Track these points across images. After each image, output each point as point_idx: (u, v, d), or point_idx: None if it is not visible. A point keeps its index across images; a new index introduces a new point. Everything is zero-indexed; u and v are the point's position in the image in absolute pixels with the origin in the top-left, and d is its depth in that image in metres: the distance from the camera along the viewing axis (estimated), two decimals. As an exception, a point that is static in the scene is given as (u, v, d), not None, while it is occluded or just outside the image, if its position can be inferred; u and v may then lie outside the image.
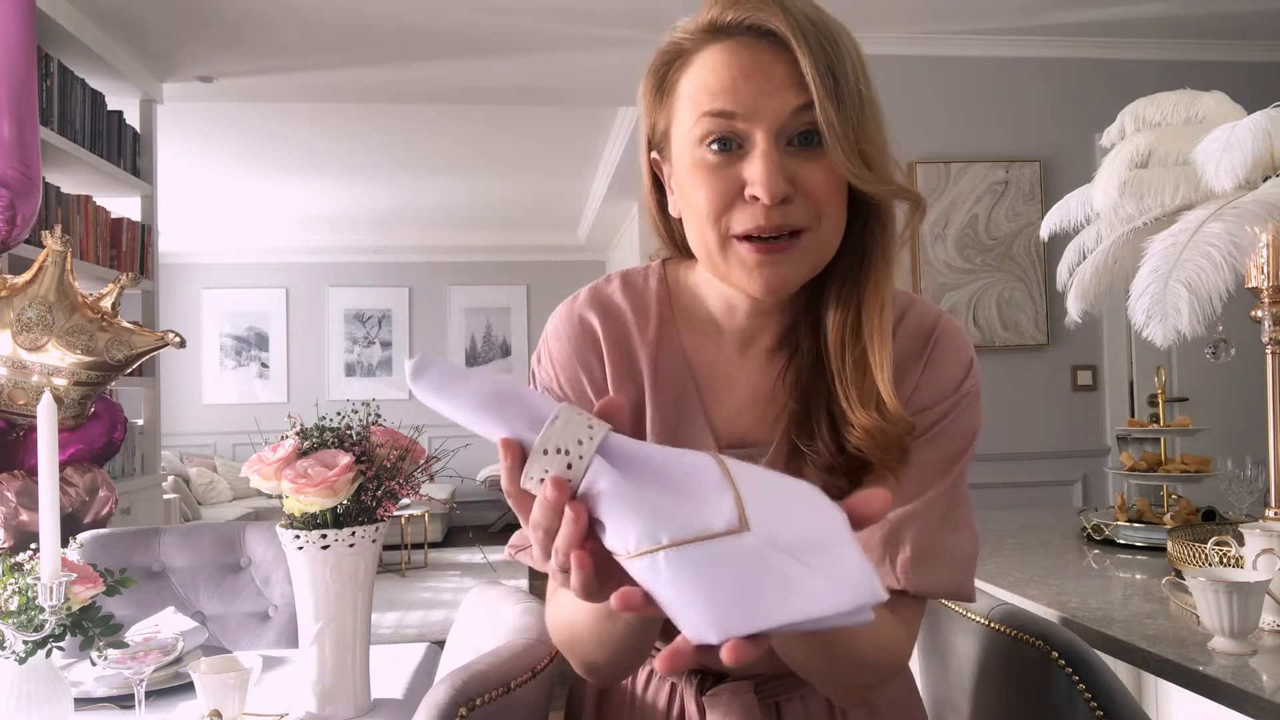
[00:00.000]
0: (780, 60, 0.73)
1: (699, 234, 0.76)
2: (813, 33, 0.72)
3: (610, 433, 0.54)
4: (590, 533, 0.54)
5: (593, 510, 0.53)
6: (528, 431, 0.54)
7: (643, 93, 0.82)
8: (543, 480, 0.53)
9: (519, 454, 0.54)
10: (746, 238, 0.73)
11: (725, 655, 0.49)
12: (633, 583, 0.53)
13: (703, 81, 0.75)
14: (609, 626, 0.74)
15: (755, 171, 0.72)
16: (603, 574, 0.55)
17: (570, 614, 0.80)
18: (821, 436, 0.79)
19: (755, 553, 0.50)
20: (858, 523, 0.54)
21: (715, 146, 0.74)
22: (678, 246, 0.90)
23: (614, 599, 0.52)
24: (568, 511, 0.53)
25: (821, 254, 0.77)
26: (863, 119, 0.73)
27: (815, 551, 0.50)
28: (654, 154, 0.84)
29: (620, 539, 0.52)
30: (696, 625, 0.50)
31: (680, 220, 0.82)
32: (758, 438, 0.85)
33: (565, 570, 0.56)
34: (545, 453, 0.53)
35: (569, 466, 0.53)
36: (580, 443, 0.53)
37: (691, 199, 0.76)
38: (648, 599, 0.52)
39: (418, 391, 0.55)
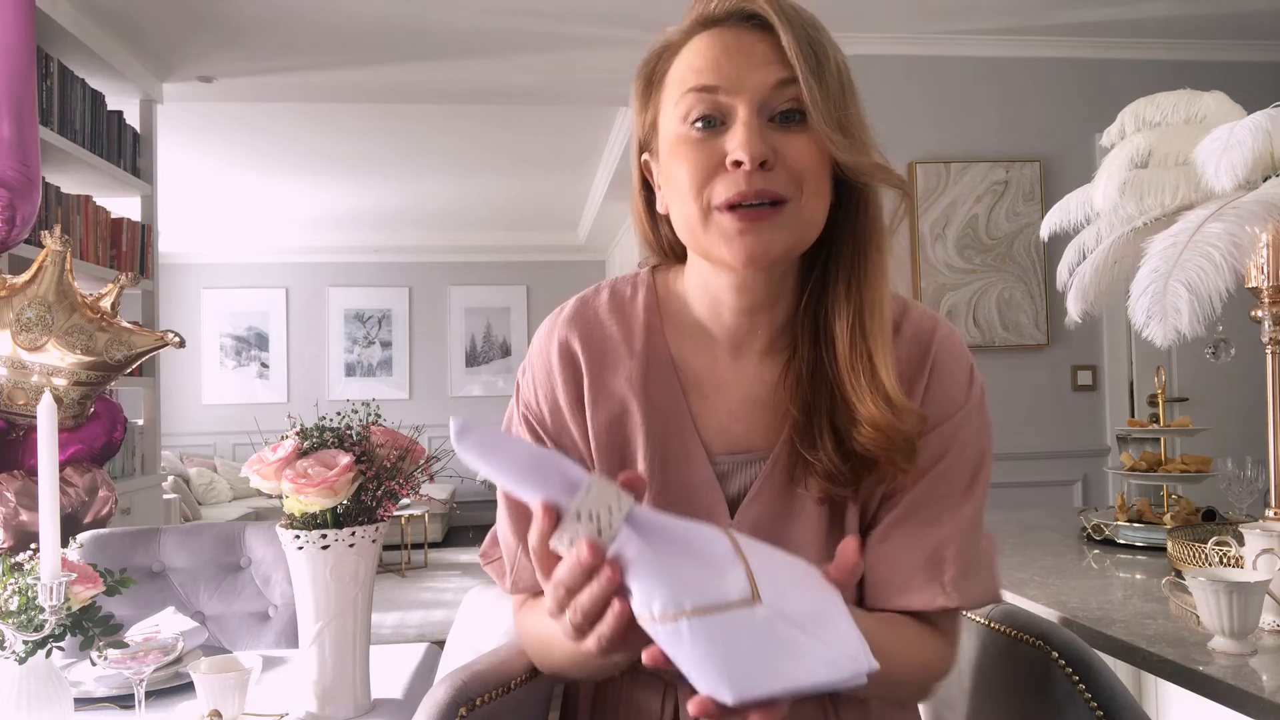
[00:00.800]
0: (764, 40, 0.76)
1: (683, 210, 0.77)
2: (794, 16, 0.76)
3: (635, 505, 0.58)
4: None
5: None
6: (561, 495, 0.57)
7: (634, 93, 0.84)
8: (573, 542, 0.57)
9: (555, 519, 0.57)
10: (728, 208, 0.75)
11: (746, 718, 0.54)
12: (646, 638, 0.57)
13: (689, 64, 0.78)
14: (592, 659, 0.75)
15: (736, 139, 0.74)
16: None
17: (549, 633, 0.81)
18: (824, 445, 0.79)
19: (766, 623, 0.55)
20: (844, 579, 0.59)
21: (699, 125, 0.76)
22: (664, 252, 0.91)
23: (645, 656, 0.57)
24: (604, 570, 0.56)
25: (803, 227, 0.77)
26: (844, 97, 0.76)
27: (817, 623, 0.56)
28: (645, 156, 0.85)
29: (645, 603, 0.56)
30: (714, 686, 0.54)
31: (667, 221, 0.83)
32: (752, 445, 0.84)
33: (581, 628, 0.59)
34: (579, 517, 0.57)
35: (599, 532, 0.57)
36: (610, 510, 0.57)
37: (674, 176, 0.77)
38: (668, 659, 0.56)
39: (460, 451, 0.58)
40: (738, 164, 0.73)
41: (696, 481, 0.83)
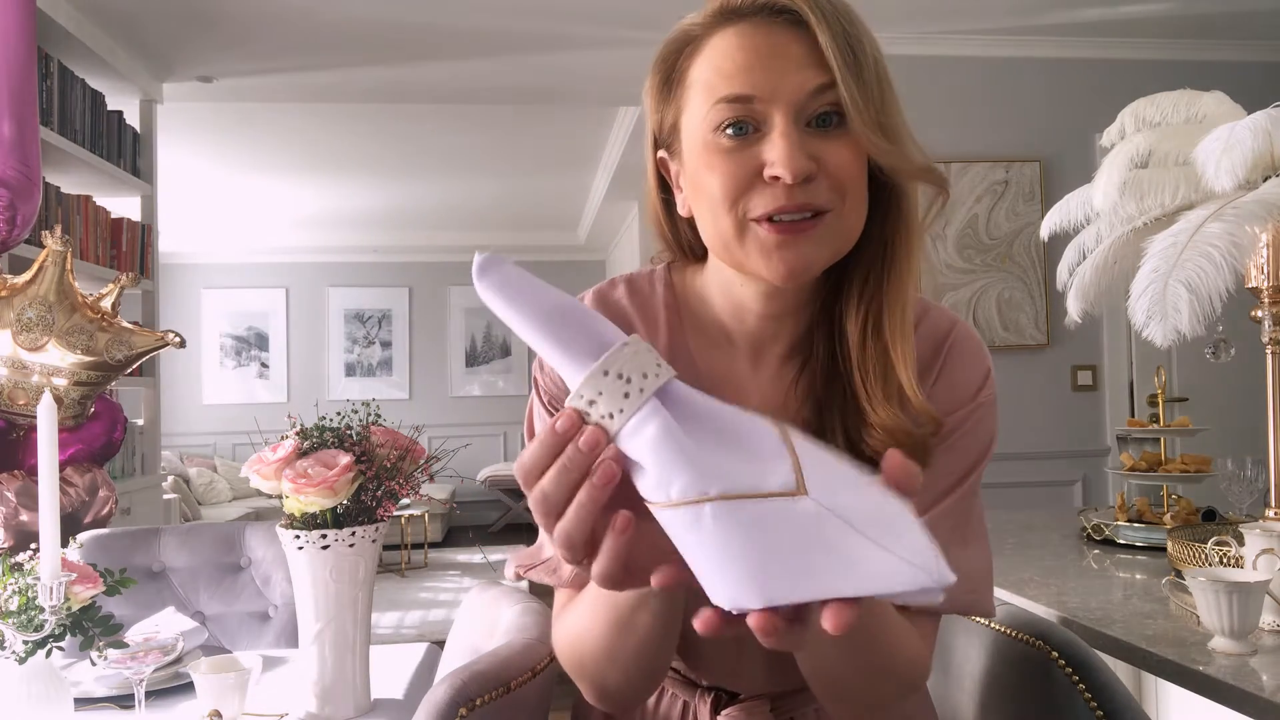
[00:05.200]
0: (796, 39, 0.70)
1: (713, 222, 0.72)
2: (829, 9, 0.70)
3: (675, 378, 0.51)
4: (621, 498, 0.50)
5: (633, 454, 0.49)
6: (587, 358, 0.50)
7: (649, 88, 0.78)
8: (593, 404, 0.49)
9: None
10: (766, 220, 0.70)
11: (758, 627, 0.45)
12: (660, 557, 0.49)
13: (716, 66, 0.72)
14: (621, 642, 0.72)
15: (776, 151, 0.68)
16: (632, 552, 0.51)
17: (579, 628, 0.76)
18: (836, 447, 0.75)
19: (812, 517, 0.46)
20: (901, 484, 0.51)
21: (731, 131, 0.70)
22: (682, 250, 0.86)
23: (655, 575, 0.49)
24: (596, 474, 0.49)
25: (844, 237, 0.73)
26: (883, 95, 0.70)
27: (878, 525, 0.47)
28: (660, 153, 0.80)
29: (663, 485, 0.48)
30: (735, 589, 0.45)
31: (688, 221, 0.78)
32: None
33: (576, 560, 0.52)
34: (605, 374, 0.49)
35: (625, 395, 0.49)
36: (645, 375, 0.49)
37: (705, 186, 0.72)
38: (683, 569, 0.48)
39: (481, 290, 0.52)
40: (777, 178, 0.68)
41: None
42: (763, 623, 0.45)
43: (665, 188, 0.82)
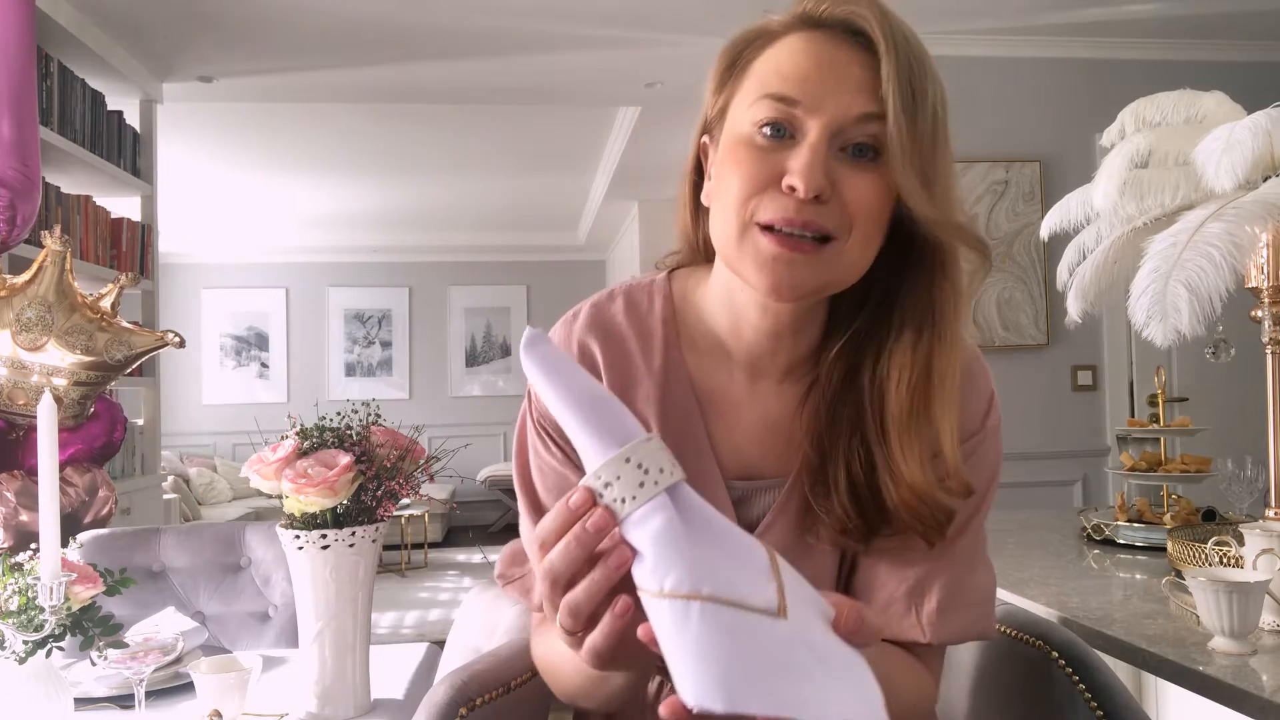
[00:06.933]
0: (861, 63, 0.70)
1: (723, 216, 0.73)
2: (904, 44, 0.69)
3: (684, 481, 0.54)
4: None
5: (635, 541, 0.52)
6: (611, 443, 0.53)
7: (712, 72, 0.78)
8: (609, 485, 0.52)
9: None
10: (770, 229, 0.70)
11: (667, 715, 0.49)
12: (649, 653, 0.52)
13: (777, 64, 0.72)
14: (593, 689, 0.73)
15: (798, 161, 0.68)
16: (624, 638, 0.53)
17: (555, 662, 0.78)
18: (837, 495, 0.75)
19: (787, 640, 0.50)
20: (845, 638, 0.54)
21: (768, 131, 0.70)
22: (696, 248, 0.86)
23: (640, 630, 0.51)
24: (612, 556, 0.52)
25: (845, 270, 0.72)
26: (934, 143, 0.70)
27: (843, 664, 0.51)
28: (705, 138, 0.80)
29: (657, 575, 0.51)
30: (704, 689, 0.48)
31: (708, 214, 0.78)
32: (765, 470, 0.81)
33: (574, 630, 0.54)
34: (627, 461, 0.52)
35: (640, 485, 0.52)
36: (660, 470, 0.52)
37: (726, 178, 0.72)
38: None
39: (525, 360, 0.56)
40: (792, 189, 0.68)
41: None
42: (671, 712, 0.49)
43: (698, 175, 0.82)
